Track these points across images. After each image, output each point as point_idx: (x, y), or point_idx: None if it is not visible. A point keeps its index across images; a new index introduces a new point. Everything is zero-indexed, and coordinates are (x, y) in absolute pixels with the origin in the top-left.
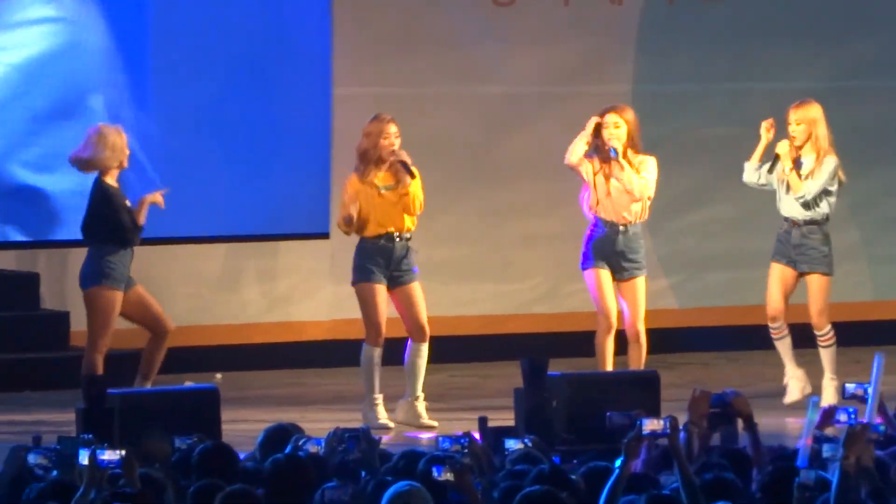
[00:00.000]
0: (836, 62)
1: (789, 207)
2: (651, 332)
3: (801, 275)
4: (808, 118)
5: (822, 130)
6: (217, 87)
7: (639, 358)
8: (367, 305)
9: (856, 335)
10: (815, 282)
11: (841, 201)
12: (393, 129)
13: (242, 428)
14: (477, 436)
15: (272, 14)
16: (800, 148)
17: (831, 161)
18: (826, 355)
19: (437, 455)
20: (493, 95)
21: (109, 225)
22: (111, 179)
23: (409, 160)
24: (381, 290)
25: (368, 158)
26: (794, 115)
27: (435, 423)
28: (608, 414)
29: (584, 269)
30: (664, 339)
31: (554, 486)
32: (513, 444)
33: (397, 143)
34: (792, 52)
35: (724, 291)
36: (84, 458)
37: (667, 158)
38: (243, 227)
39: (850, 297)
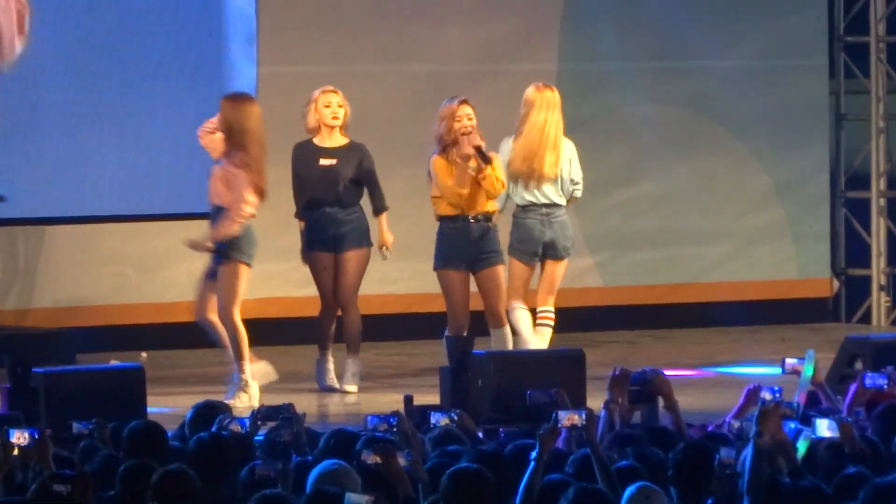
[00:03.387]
0: (762, 41)
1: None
2: (576, 311)
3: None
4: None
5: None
6: (140, 66)
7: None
8: (445, 294)
9: (781, 313)
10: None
11: (767, 179)
12: (466, 110)
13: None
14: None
15: None
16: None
17: (572, 147)
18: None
19: (371, 436)
20: (418, 74)
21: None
22: (316, 139)
23: (483, 144)
24: (458, 277)
25: (444, 142)
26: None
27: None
28: (528, 392)
29: None
30: (589, 317)
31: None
32: (439, 418)
33: (470, 124)
34: (718, 30)
35: (649, 270)
36: (13, 436)
37: (592, 137)
38: (168, 206)
39: (776, 275)
